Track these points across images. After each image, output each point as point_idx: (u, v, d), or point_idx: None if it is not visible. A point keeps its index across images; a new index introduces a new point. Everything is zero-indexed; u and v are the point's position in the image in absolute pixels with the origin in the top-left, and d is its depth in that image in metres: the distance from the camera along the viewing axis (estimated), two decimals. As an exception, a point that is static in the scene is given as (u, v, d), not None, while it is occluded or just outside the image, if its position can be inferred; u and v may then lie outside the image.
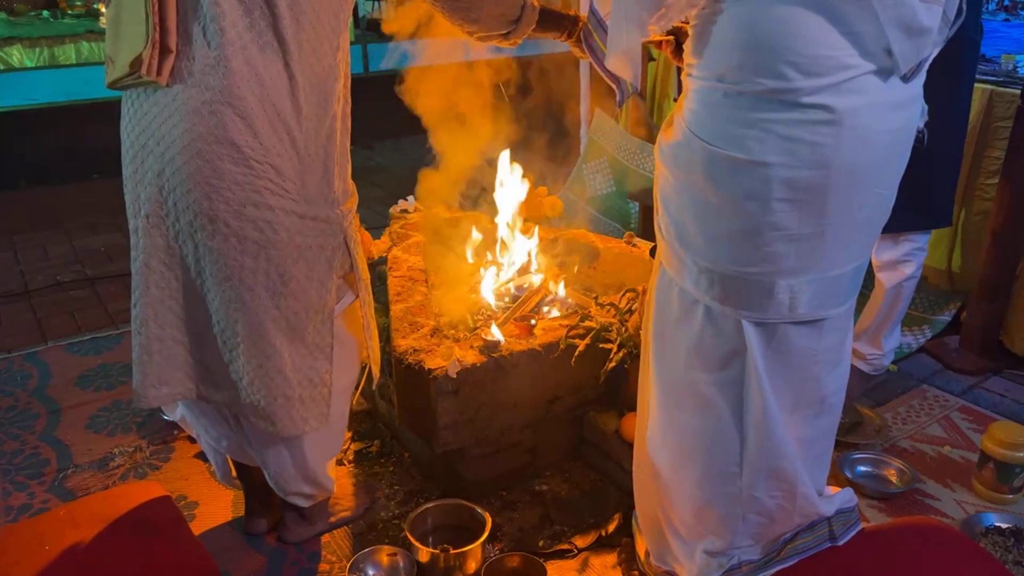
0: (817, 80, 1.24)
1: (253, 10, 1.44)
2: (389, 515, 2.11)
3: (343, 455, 2.32)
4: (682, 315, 1.49)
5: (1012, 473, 2.10)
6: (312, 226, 1.61)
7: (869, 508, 2.11)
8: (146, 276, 1.60)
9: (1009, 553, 1.92)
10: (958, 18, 1.32)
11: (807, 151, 1.27)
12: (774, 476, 1.52)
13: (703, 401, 1.51)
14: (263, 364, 1.64)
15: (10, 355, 3.03)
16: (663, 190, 1.49)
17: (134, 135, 1.54)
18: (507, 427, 2.11)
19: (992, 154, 2.81)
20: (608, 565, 1.92)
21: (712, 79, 1.32)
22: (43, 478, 2.29)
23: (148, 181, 1.54)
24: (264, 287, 1.59)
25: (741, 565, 1.60)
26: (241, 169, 1.49)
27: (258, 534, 2.03)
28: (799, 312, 1.41)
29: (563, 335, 2.09)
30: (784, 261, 1.36)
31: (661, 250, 1.53)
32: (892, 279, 2.45)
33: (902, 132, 1.37)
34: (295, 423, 1.71)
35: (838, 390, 1.57)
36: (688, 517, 1.61)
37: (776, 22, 1.23)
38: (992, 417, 2.48)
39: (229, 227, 1.52)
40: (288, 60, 1.48)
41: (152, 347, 1.65)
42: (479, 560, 1.87)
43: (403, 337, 2.06)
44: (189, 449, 2.38)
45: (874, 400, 2.61)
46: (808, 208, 1.32)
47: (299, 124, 1.53)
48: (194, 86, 1.45)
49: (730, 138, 1.31)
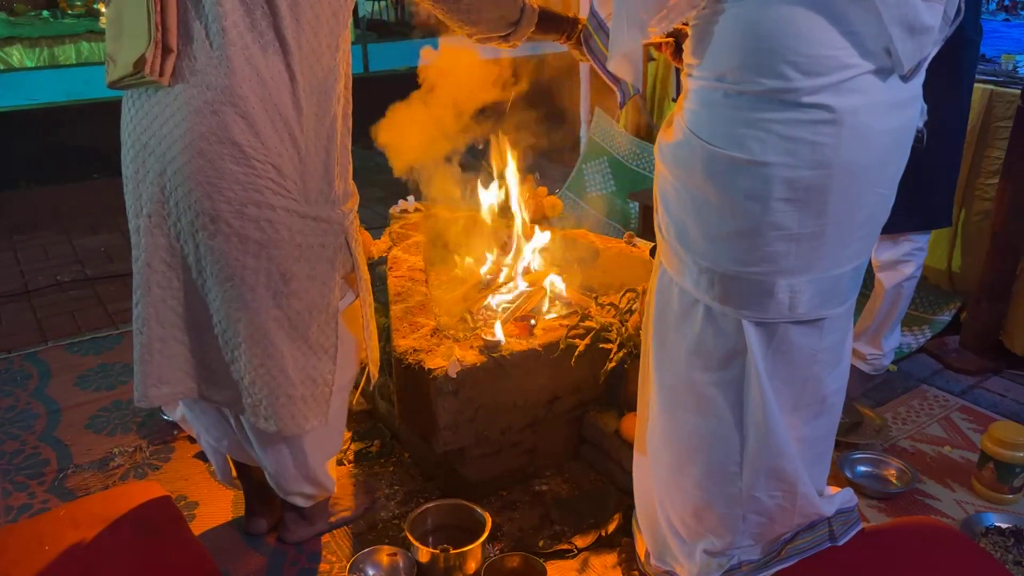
0: (817, 80, 1.23)
1: (255, 10, 1.44)
2: (389, 515, 2.12)
3: (343, 455, 2.32)
4: (682, 315, 1.49)
5: (1012, 473, 2.10)
6: (313, 226, 1.61)
7: (869, 508, 2.11)
8: (148, 276, 1.61)
9: (1009, 553, 1.92)
10: (957, 16, 1.32)
11: (807, 151, 1.27)
12: (774, 476, 1.52)
13: (703, 401, 1.51)
14: (265, 363, 1.64)
15: (10, 355, 3.03)
16: (663, 190, 1.48)
17: (135, 135, 1.54)
18: (507, 427, 2.11)
19: (992, 154, 2.81)
20: (608, 565, 1.92)
21: (712, 79, 1.32)
22: (43, 478, 2.29)
23: (150, 181, 1.54)
24: (265, 287, 1.59)
25: (741, 565, 1.60)
26: (243, 169, 1.49)
27: (258, 534, 2.04)
28: (799, 312, 1.41)
29: (563, 335, 2.09)
30: (784, 261, 1.36)
31: (661, 250, 1.53)
32: (892, 279, 2.45)
33: (902, 132, 1.37)
34: (296, 422, 1.71)
35: (838, 390, 1.57)
36: (688, 517, 1.61)
37: (776, 22, 1.23)
38: (992, 417, 2.48)
39: (231, 227, 1.52)
40: (289, 60, 1.48)
41: (154, 346, 1.65)
42: (479, 560, 1.87)
43: (403, 337, 2.06)
44: (189, 449, 2.38)
45: (874, 400, 2.61)
46: (808, 208, 1.32)
47: (300, 124, 1.53)
48: (196, 86, 1.45)
49: (730, 138, 1.31)
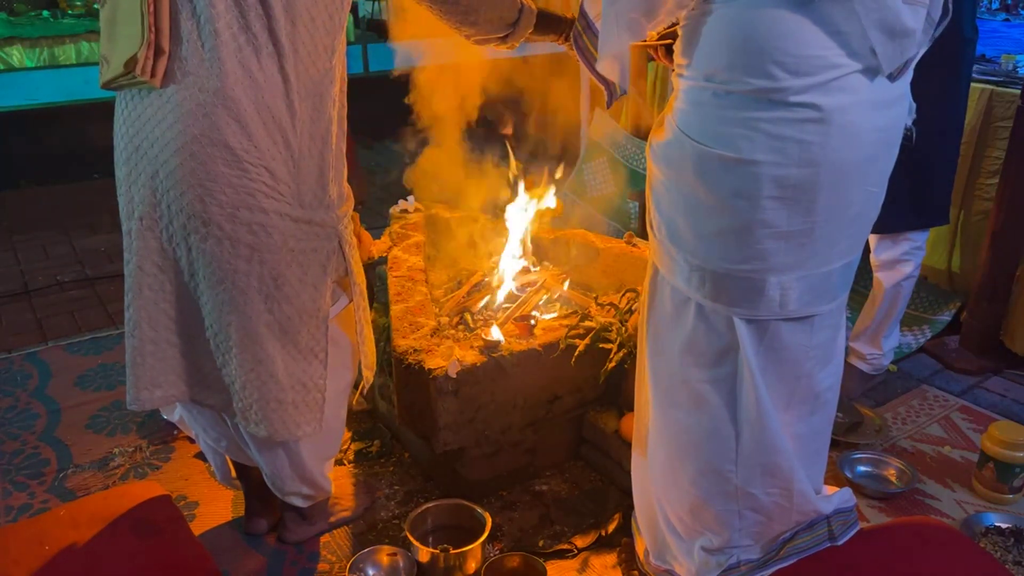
0: (805, 79, 1.25)
1: (248, 11, 1.42)
2: (389, 515, 2.12)
3: (343, 455, 2.32)
4: (674, 313, 1.51)
5: (1012, 473, 2.10)
6: (306, 230, 1.60)
7: (869, 508, 2.11)
8: (139, 279, 1.60)
9: (1009, 553, 1.92)
10: (943, 18, 1.33)
11: (796, 149, 1.28)
12: (769, 472, 1.53)
13: (697, 398, 1.52)
14: (255, 368, 1.63)
15: (10, 355, 3.03)
16: (655, 189, 1.50)
17: (128, 137, 1.53)
18: (507, 427, 2.11)
19: (992, 154, 2.81)
20: (608, 565, 1.92)
21: (701, 79, 1.34)
22: (43, 478, 2.29)
23: (142, 183, 1.53)
24: (257, 291, 1.58)
25: (740, 564, 1.60)
26: (235, 171, 1.48)
27: (258, 534, 2.04)
28: (790, 309, 1.42)
29: (563, 335, 2.09)
30: (774, 258, 1.37)
31: (653, 248, 1.54)
32: (891, 278, 2.45)
33: (890, 130, 1.38)
34: (288, 427, 1.70)
35: (832, 387, 1.58)
36: (685, 514, 1.61)
37: (764, 23, 1.24)
38: (992, 417, 2.48)
39: (222, 230, 1.52)
40: (283, 62, 1.47)
41: (145, 349, 1.65)
42: (479, 560, 1.87)
43: (403, 337, 2.06)
44: (189, 449, 2.38)
45: (874, 400, 2.61)
46: (797, 205, 1.33)
47: (293, 127, 1.52)
48: (188, 87, 1.44)
49: (719, 137, 1.32)
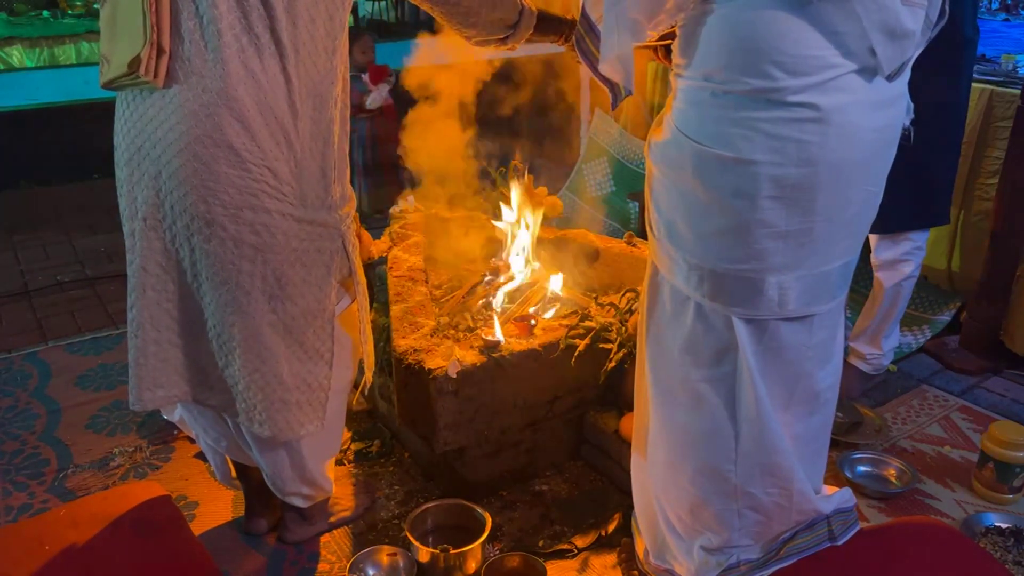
0: (803, 79, 1.25)
1: (250, 12, 1.43)
2: (389, 515, 2.12)
3: (343, 455, 2.32)
4: (673, 312, 1.51)
5: (1012, 473, 2.10)
6: (309, 230, 1.60)
7: (869, 508, 2.11)
8: (142, 279, 1.60)
9: (1009, 553, 1.92)
10: (940, 19, 1.34)
11: (794, 149, 1.29)
12: (769, 472, 1.53)
13: (696, 397, 1.52)
14: (260, 368, 1.63)
15: (10, 355, 3.03)
16: (654, 188, 1.50)
17: (130, 137, 1.53)
18: (507, 427, 2.11)
19: (992, 154, 2.81)
20: (608, 565, 1.92)
21: (700, 79, 1.34)
22: (43, 478, 2.29)
23: (145, 184, 1.53)
24: (261, 291, 1.58)
25: (740, 564, 1.60)
26: (238, 172, 1.49)
27: (258, 534, 2.04)
28: (788, 308, 1.42)
29: (563, 335, 2.09)
30: (773, 258, 1.37)
31: (652, 248, 1.55)
32: (891, 278, 2.45)
33: (888, 130, 1.39)
34: (291, 427, 1.70)
35: (831, 386, 1.58)
36: (684, 513, 1.61)
37: (762, 23, 1.25)
38: (992, 417, 2.48)
39: (226, 230, 1.52)
40: (285, 63, 1.47)
41: (148, 350, 1.65)
42: (479, 560, 1.87)
43: (403, 337, 2.06)
44: (189, 449, 2.38)
45: (874, 400, 2.61)
46: (796, 205, 1.33)
47: (296, 127, 1.52)
48: (191, 88, 1.44)
49: (718, 137, 1.32)
